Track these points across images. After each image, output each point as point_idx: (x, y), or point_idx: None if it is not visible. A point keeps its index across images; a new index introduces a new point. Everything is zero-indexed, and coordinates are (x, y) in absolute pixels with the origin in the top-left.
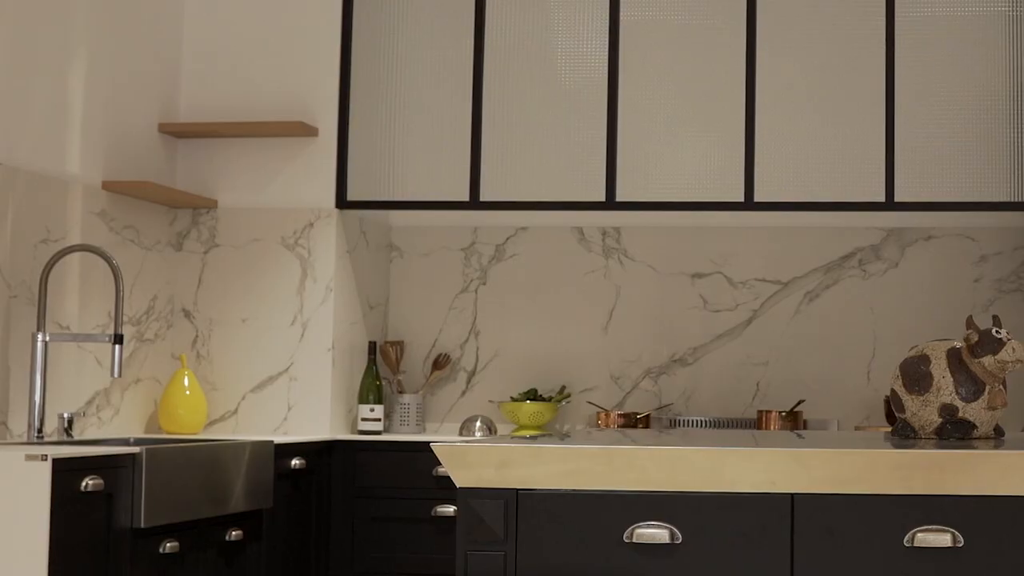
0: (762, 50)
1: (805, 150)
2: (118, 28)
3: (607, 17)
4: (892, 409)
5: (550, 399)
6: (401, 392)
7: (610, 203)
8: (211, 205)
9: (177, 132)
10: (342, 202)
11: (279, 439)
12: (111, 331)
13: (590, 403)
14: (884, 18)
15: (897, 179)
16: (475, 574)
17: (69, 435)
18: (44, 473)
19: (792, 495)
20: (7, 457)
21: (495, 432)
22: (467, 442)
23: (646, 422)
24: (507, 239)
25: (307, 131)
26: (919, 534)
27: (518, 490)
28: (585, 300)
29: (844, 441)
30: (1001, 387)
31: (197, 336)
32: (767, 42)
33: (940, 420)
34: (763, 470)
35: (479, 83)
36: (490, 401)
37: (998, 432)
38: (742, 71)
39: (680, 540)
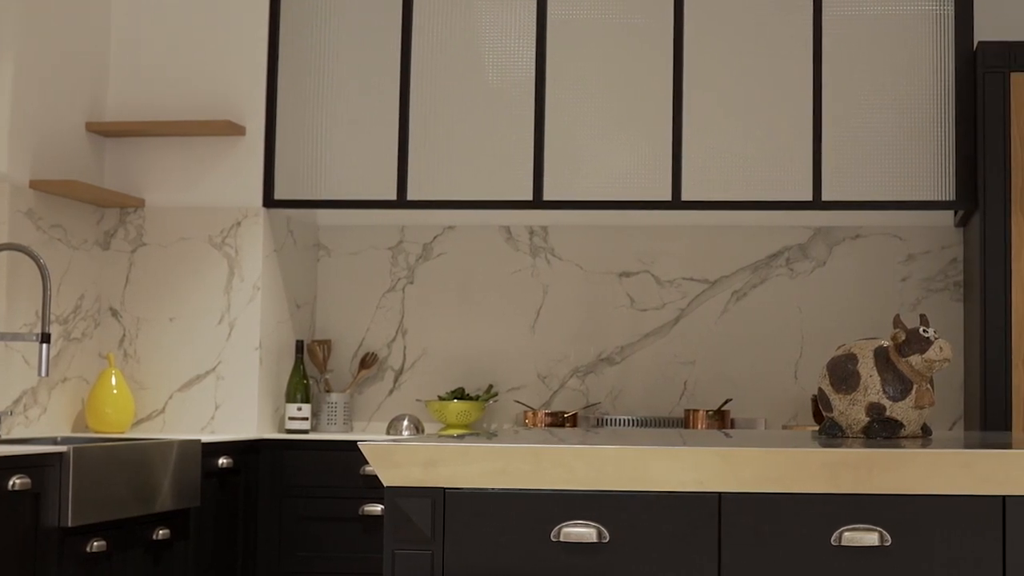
0: (689, 49)
1: (732, 149)
2: (45, 27)
3: (534, 17)
4: (819, 408)
5: (477, 398)
6: (328, 391)
7: (537, 202)
8: (138, 204)
9: (104, 131)
10: (269, 201)
11: (206, 438)
12: (38, 330)
13: (517, 402)
14: (811, 17)
15: (824, 178)
16: (402, 573)
17: None
18: None
19: (719, 494)
20: None
21: (422, 431)
22: (394, 441)
23: (573, 421)
24: (434, 238)
25: (234, 130)
26: (846, 533)
27: (445, 489)
28: (512, 299)
29: (771, 440)
30: (928, 386)
31: (124, 335)
32: (694, 42)
33: (867, 419)
34: (690, 469)
35: (406, 82)
36: (417, 400)
37: (925, 431)
38: (669, 70)
39: (607, 539)
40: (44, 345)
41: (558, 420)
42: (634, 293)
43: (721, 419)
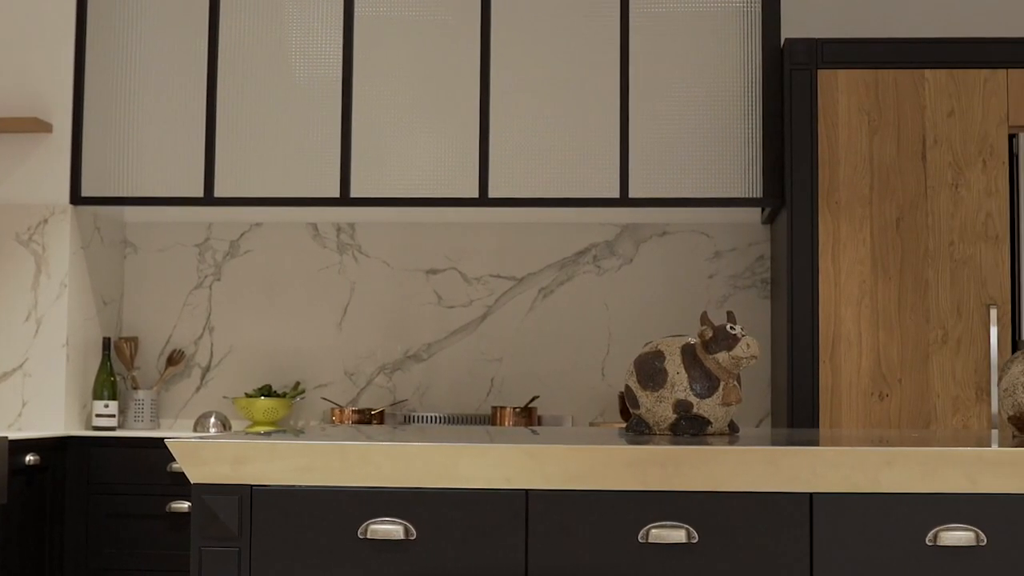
0: (497, 46)
1: (540, 146)
2: None
3: (341, 14)
4: (627, 405)
5: (284, 395)
6: (135, 388)
7: (344, 199)
8: None
9: None
10: (76, 198)
11: (13, 435)
12: None
13: (324, 399)
14: (618, 14)
15: (631, 175)
16: (209, 570)
17: None
18: None
19: (526, 491)
20: None
21: (229, 428)
22: (201, 438)
23: (380, 418)
24: (241, 235)
25: (41, 127)
26: (654, 530)
27: (252, 486)
28: (319, 296)
29: (578, 437)
30: (735, 383)
31: None
32: (501, 39)
33: (675, 416)
34: (497, 466)
35: (213, 79)
36: (224, 397)
37: (732, 428)
38: (476, 68)
39: (415, 536)
40: None
41: (365, 417)
42: (441, 290)
43: (528, 416)
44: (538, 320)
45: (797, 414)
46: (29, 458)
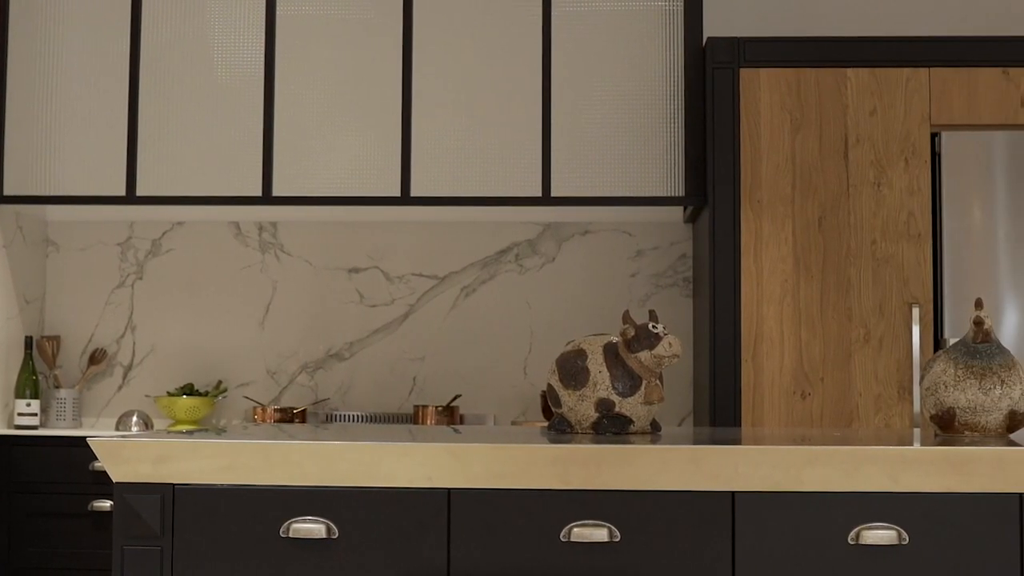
0: (419, 45)
1: (462, 144)
2: None
3: (263, 13)
4: (549, 404)
5: (206, 394)
6: (58, 387)
7: (267, 198)
8: None
9: None
10: None
11: None
12: None
13: (247, 398)
14: (541, 13)
15: (554, 174)
16: (131, 569)
17: None
18: None
19: (448, 490)
20: None
21: (151, 427)
22: (123, 437)
23: (303, 417)
24: (163, 234)
25: None
26: (576, 529)
27: (175, 485)
28: (242, 295)
29: (501, 436)
30: (657, 382)
31: None
32: (423, 37)
33: (597, 415)
34: (420, 465)
35: (136, 78)
36: (147, 396)
37: (655, 427)
38: (399, 67)
39: (337, 535)
40: None
41: (287, 416)
42: (363, 289)
43: (450, 415)
44: (460, 319)
45: (719, 413)
46: None
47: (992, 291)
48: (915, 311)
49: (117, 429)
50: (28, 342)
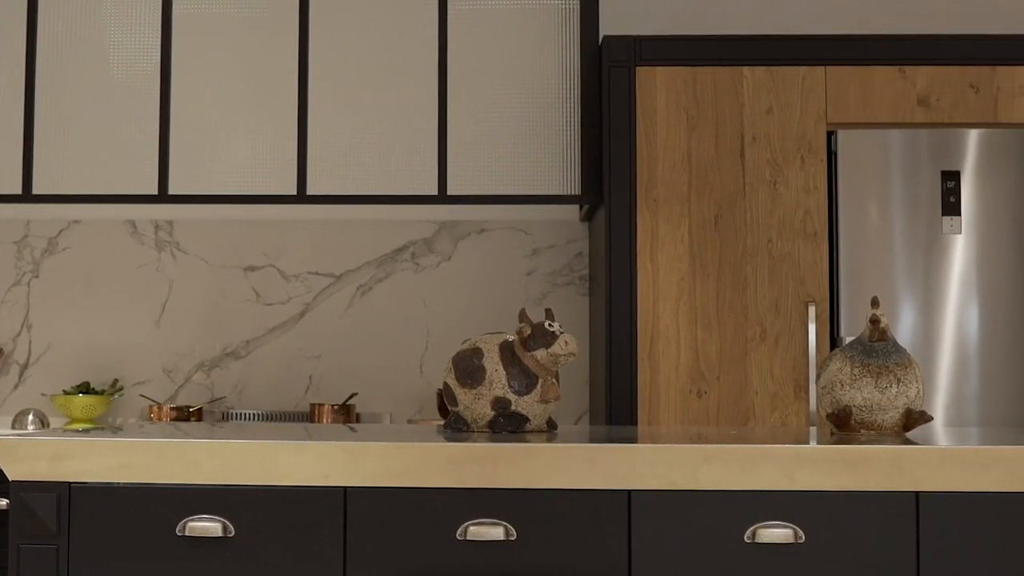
0: (315, 43)
1: (358, 143)
2: None
3: (159, 10)
4: (445, 402)
5: (103, 392)
6: None
7: (163, 196)
8: None
9: None
10: None
11: None
12: None
13: (143, 396)
14: (436, 9)
15: (450, 172)
16: (27, 568)
17: None
18: None
19: (345, 488)
20: None
21: (48, 425)
22: (19, 435)
23: (199, 415)
24: (60, 232)
25: None
26: (472, 527)
27: (71, 483)
28: (138, 293)
29: (397, 434)
30: (554, 380)
31: None
32: (319, 35)
33: (493, 413)
34: (316, 463)
35: (31, 76)
36: (43, 394)
37: (551, 425)
38: (295, 64)
39: (233, 533)
40: None
41: (184, 414)
42: (259, 287)
43: (347, 413)
44: (356, 317)
45: (615, 411)
46: None
47: (888, 290)
48: (811, 309)
49: (13, 427)
50: None
